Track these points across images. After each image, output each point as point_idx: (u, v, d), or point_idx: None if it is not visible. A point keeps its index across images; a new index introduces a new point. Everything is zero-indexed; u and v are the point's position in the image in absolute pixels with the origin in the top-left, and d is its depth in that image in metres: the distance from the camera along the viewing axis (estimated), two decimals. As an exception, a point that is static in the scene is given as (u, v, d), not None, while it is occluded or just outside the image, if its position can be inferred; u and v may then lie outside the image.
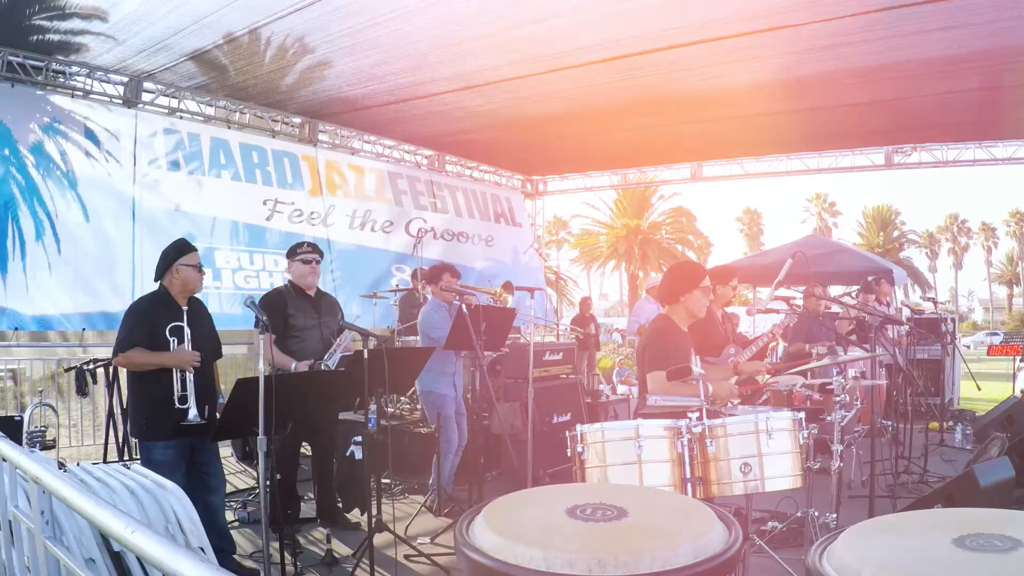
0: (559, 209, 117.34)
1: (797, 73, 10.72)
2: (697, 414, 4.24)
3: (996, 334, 56.38)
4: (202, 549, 4.25)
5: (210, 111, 12.13)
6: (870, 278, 11.77)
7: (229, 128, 12.36)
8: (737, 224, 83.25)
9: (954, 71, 10.74)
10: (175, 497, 4.25)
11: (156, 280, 6.10)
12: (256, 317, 5.57)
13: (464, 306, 6.89)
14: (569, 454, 4.31)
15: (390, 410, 10.70)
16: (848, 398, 5.68)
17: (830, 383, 5.59)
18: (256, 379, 4.92)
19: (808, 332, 9.03)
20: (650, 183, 23.81)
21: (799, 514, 6.10)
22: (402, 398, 10.68)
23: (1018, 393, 17.46)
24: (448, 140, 15.06)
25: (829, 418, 5.48)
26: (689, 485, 4.18)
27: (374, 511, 6.03)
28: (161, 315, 5.87)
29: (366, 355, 5.86)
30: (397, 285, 13.03)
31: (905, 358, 11.43)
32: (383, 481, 8.73)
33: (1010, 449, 8.42)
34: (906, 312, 14.99)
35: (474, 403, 8.42)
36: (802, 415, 4.44)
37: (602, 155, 16.95)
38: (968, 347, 47.55)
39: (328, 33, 9.39)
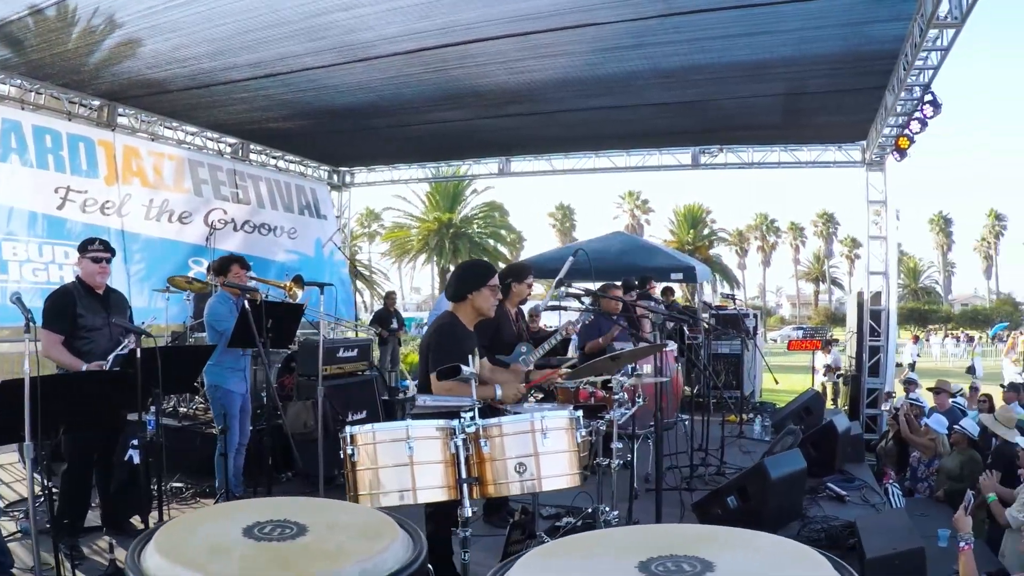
0: (373, 201, 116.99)
1: (603, 71, 10.83)
2: (471, 413, 4.13)
3: (802, 328, 58.91)
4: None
5: (3, 89, 11.36)
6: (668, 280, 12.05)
7: (23, 109, 11.59)
8: (550, 219, 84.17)
9: (759, 75, 11.07)
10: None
11: None
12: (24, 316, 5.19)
13: (246, 302, 6.61)
14: (341, 456, 4.14)
15: (183, 410, 10.32)
16: (626, 396, 5.69)
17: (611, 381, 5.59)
18: (21, 381, 4.59)
19: (601, 329, 9.08)
20: (461, 176, 23.76)
21: (589, 510, 6.09)
22: (196, 398, 10.30)
23: (817, 386, 18.24)
24: (252, 128, 14.65)
25: (608, 416, 5.47)
26: (465, 486, 4.08)
27: (156, 517, 5.73)
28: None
29: (139, 354, 5.55)
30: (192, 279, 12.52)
31: (706, 353, 11.73)
32: (174, 485, 8.39)
33: (804, 441, 8.71)
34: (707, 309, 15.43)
35: (267, 401, 8.16)
36: (579, 413, 4.38)
37: (410, 147, 16.89)
38: (775, 341, 49.59)
39: (128, 13, 8.98)
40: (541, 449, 4.13)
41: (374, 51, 10.09)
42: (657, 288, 13.19)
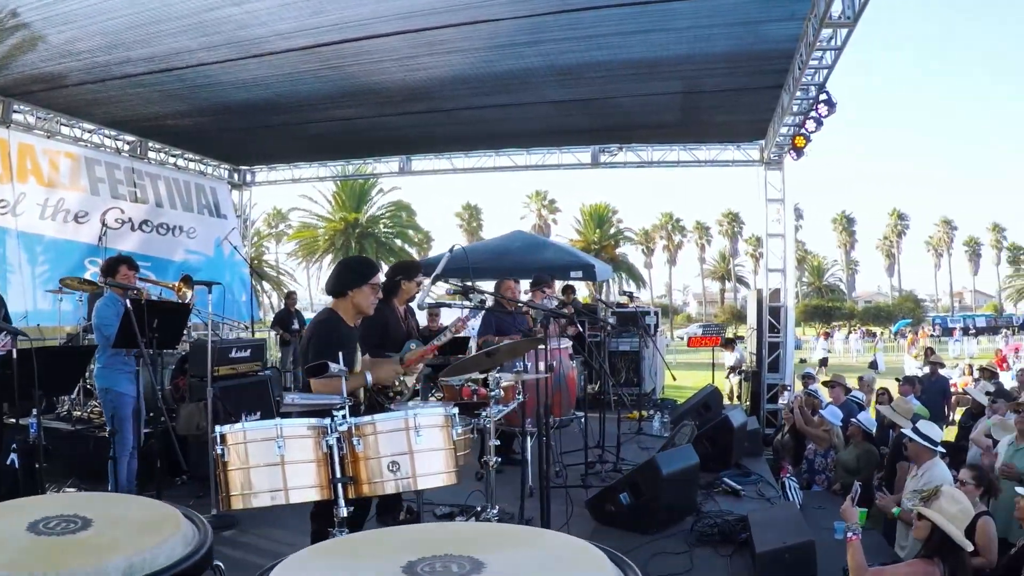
0: (280, 201, 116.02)
1: (499, 68, 10.84)
2: (343, 411, 4.09)
3: (709, 326, 59.65)
4: None
5: None
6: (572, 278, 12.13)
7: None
8: (457, 219, 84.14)
9: (656, 73, 11.14)
10: None
11: None
12: None
13: (129, 302, 6.47)
14: (212, 457, 4.06)
15: (77, 413, 10.08)
16: (502, 393, 5.67)
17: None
18: None
19: (498, 325, 9.06)
20: (363, 176, 23.50)
21: (479, 508, 6.08)
22: (91, 401, 10.06)
23: (725, 387, 18.44)
24: (149, 126, 14.30)
25: (484, 413, 5.45)
26: (340, 486, 4.04)
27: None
28: None
29: (15, 355, 5.39)
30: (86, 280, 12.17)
31: (603, 350, 11.82)
32: (67, 489, 8.18)
33: (700, 436, 8.78)
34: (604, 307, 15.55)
35: (159, 403, 8.01)
36: (455, 411, 4.36)
37: (310, 146, 16.69)
38: (681, 339, 50.19)
39: (18, 4, 8.74)
40: (415, 447, 4.10)
41: (268, 47, 9.95)
42: (557, 286, 13.24)
